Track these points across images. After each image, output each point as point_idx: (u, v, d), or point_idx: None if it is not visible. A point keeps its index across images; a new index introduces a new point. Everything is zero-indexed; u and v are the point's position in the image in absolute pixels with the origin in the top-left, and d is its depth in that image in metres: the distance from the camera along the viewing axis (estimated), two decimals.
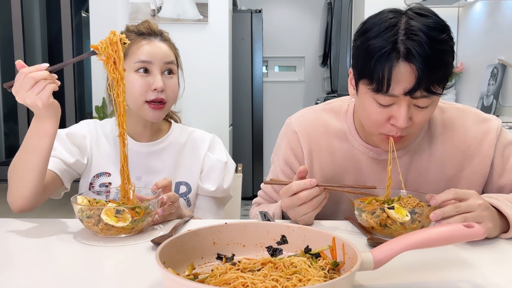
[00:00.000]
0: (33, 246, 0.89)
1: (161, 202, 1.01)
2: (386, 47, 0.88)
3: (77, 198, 0.97)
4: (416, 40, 0.86)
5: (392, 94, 0.90)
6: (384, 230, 0.92)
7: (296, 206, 0.95)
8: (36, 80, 0.92)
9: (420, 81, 0.87)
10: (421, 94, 0.89)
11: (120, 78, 0.96)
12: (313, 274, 0.61)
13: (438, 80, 0.89)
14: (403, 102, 0.91)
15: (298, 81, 5.34)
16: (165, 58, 1.21)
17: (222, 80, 3.38)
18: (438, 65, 0.87)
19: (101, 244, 0.90)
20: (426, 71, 0.86)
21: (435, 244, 0.67)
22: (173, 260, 0.67)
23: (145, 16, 3.20)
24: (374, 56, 0.88)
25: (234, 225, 0.77)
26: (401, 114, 0.91)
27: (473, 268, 0.77)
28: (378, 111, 0.94)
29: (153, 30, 1.24)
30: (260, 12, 4.50)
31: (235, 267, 0.64)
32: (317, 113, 1.15)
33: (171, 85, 1.22)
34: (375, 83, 0.90)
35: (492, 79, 3.05)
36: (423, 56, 0.86)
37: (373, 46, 0.89)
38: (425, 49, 0.86)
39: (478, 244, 0.87)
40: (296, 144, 1.13)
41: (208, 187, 1.31)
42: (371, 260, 0.63)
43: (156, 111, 1.20)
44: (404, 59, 0.87)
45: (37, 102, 0.94)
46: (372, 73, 0.90)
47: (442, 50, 0.88)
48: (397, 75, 0.88)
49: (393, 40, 0.87)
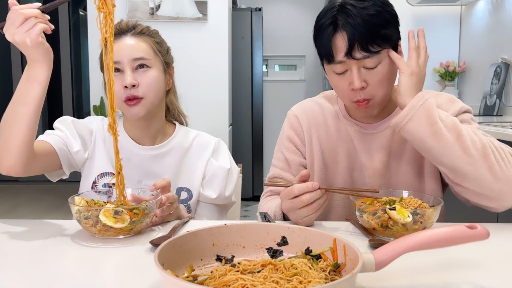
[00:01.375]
0: (29, 247, 0.89)
1: (160, 203, 1.01)
2: (327, 22, 1.07)
3: (74, 199, 0.97)
4: (344, 11, 1.05)
5: (339, 60, 1.06)
6: (385, 231, 0.92)
7: (297, 208, 0.97)
8: (26, 17, 0.92)
9: (352, 43, 1.03)
10: (361, 54, 1.04)
11: (108, 13, 0.95)
12: (314, 275, 0.61)
13: (371, 39, 1.03)
14: (353, 66, 1.06)
15: (299, 80, 5.34)
16: (132, 54, 1.18)
17: (222, 79, 3.38)
18: (366, 27, 1.03)
19: (99, 246, 0.90)
20: (355, 34, 1.03)
21: (437, 246, 0.67)
22: (172, 261, 0.67)
23: (143, 14, 3.20)
24: (321, 32, 1.09)
25: (234, 226, 0.77)
26: (354, 76, 1.06)
27: (476, 270, 0.77)
28: (338, 81, 1.10)
29: (121, 28, 1.22)
30: (260, 10, 4.50)
31: (234, 268, 0.64)
32: (314, 100, 1.33)
33: (145, 79, 1.19)
34: (324, 56, 1.09)
35: (495, 78, 3.05)
36: (350, 23, 1.04)
37: (319, 24, 1.10)
38: (351, 16, 1.04)
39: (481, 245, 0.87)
40: (297, 124, 1.28)
41: (209, 194, 1.30)
42: (373, 261, 0.63)
43: (133, 107, 1.18)
44: (337, 29, 1.06)
45: (25, 40, 0.93)
46: (322, 47, 1.09)
47: (368, 14, 1.04)
48: (336, 42, 1.06)
49: (332, 16, 1.07)
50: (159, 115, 1.28)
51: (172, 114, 1.37)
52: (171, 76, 1.31)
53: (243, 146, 4.51)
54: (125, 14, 3.17)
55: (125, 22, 1.24)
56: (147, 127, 1.26)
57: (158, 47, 1.25)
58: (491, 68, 3.11)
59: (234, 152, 4.32)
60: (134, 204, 0.97)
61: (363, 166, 1.20)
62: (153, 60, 1.22)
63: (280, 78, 5.34)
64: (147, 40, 1.23)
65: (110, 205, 0.96)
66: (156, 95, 1.22)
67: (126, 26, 1.23)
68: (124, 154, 1.22)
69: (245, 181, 4.13)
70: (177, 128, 1.34)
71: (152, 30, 1.28)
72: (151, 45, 1.23)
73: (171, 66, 1.31)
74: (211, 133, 1.40)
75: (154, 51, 1.23)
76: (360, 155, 1.21)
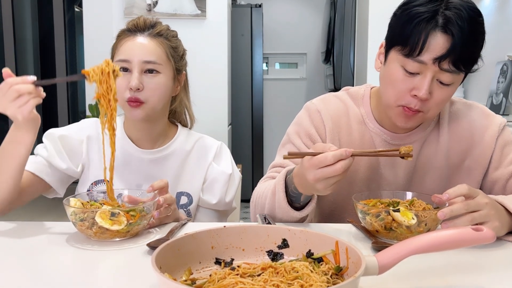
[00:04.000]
0: (23, 250, 0.89)
1: (157, 204, 1.01)
2: (427, 13, 0.97)
3: (69, 200, 0.97)
4: (457, 13, 0.96)
5: (421, 60, 0.98)
6: (389, 233, 0.92)
7: (328, 177, 0.90)
8: (20, 94, 0.93)
9: (452, 51, 0.96)
10: (448, 67, 0.97)
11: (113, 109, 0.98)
12: (316, 279, 0.61)
13: (467, 57, 0.97)
14: (429, 72, 0.99)
15: (300, 78, 5.34)
16: (144, 56, 1.17)
17: (221, 77, 3.38)
18: (472, 42, 0.97)
19: (95, 248, 0.90)
20: (460, 43, 0.95)
21: (442, 248, 0.67)
22: (169, 265, 0.67)
23: (140, 11, 3.20)
24: (415, 21, 0.98)
25: (233, 229, 0.77)
26: (425, 83, 0.99)
27: (482, 274, 0.77)
28: (403, 78, 1.02)
29: (139, 25, 1.21)
30: (260, 7, 4.50)
31: (234, 272, 0.64)
32: (338, 97, 1.24)
33: (151, 85, 1.17)
34: (408, 47, 0.98)
35: (502, 77, 3.05)
36: (461, 28, 0.95)
37: (415, 12, 0.99)
38: (464, 22, 0.96)
39: (487, 248, 0.88)
40: (319, 121, 1.19)
41: (209, 199, 1.29)
42: (376, 264, 0.63)
43: (134, 109, 1.17)
44: (441, 28, 0.97)
45: (17, 115, 0.95)
46: (408, 36, 0.98)
47: (479, 30, 0.98)
48: (432, 40, 0.97)
49: (435, 10, 0.97)
50: (161, 119, 1.27)
51: (178, 116, 1.36)
52: (180, 83, 1.29)
53: (243, 146, 4.51)
54: (122, 11, 3.17)
55: (143, 19, 1.22)
56: (147, 129, 1.25)
57: (172, 52, 1.23)
58: (497, 66, 3.11)
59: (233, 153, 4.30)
60: (131, 206, 0.97)
61: (384, 179, 1.16)
62: (164, 65, 1.20)
63: (281, 77, 5.34)
64: (163, 43, 1.21)
65: (106, 207, 0.96)
66: (159, 101, 1.20)
67: (143, 24, 1.21)
68: (123, 157, 1.23)
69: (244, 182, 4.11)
70: (179, 130, 1.32)
71: (171, 32, 1.26)
72: (165, 50, 1.21)
73: (182, 73, 1.29)
74: (210, 133, 1.39)
75: (167, 56, 1.21)
76: (383, 168, 1.16)
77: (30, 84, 0.94)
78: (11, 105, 0.94)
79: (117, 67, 0.99)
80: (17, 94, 0.93)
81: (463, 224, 0.85)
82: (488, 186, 1.16)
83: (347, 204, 1.19)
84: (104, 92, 0.98)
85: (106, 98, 0.98)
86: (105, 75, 0.97)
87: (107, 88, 0.98)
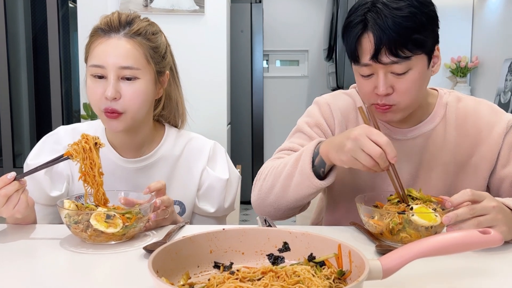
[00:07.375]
0: (15, 253, 0.89)
1: (154, 206, 1.01)
2: (353, 21, 1.06)
3: (63, 202, 0.97)
4: (375, 10, 1.03)
5: (364, 63, 1.06)
6: (393, 236, 0.92)
7: (361, 151, 0.94)
8: (8, 196, 0.95)
9: (378, 46, 1.01)
10: (389, 59, 1.02)
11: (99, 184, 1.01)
12: (318, 283, 0.61)
13: (401, 44, 1.01)
14: (380, 70, 1.05)
15: (301, 76, 5.34)
16: (120, 62, 1.08)
17: (220, 75, 3.38)
18: (396, 30, 1.00)
19: (89, 252, 0.90)
20: (383, 37, 1.01)
21: (448, 252, 0.67)
22: (167, 268, 0.67)
23: (136, 6, 3.20)
24: (346, 32, 1.08)
25: (233, 231, 0.77)
26: (379, 81, 1.05)
27: (489, 278, 0.77)
28: (363, 82, 1.10)
29: (113, 24, 1.10)
30: (261, 3, 4.51)
31: (233, 276, 0.64)
32: (347, 94, 1.30)
33: (129, 92, 1.09)
34: (350, 56, 1.09)
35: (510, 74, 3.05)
36: (379, 24, 1.02)
37: (347, 22, 1.08)
38: (381, 17, 1.01)
39: (494, 251, 0.88)
40: (329, 113, 1.25)
41: (206, 208, 1.25)
42: (380, 268, 0.64)
43: (112, 120, 1.10)
44: (366, 29, 1.04)
45: (15, 215, 0.98)
46: (347, 47, 1.09)
47: (400, 16, 1.01)
48: (362, 43, 1.05)
49: (361, 14, 1.05)
50: (144, 126, 1.19)
51: (166, 117, 1.28)
52: (163, 84, 1.20)
53: (243, 146, 4.51)
54: (117, 6, 3.17)
55: (117, 16, 1.12)
56: (130, 138, 1.19)
57: (152, 53, 1.14)
58: (506, 63, 3.11)
59: (233, 153, 4.32)
60: (127, 208, 0.97)
61: None
62: (143, 70, 1.11)
63: (282, 74, 5.34)
64: (141, 44, 1.11)
65: (101, 209, 0.96)
66: (139, 109, 1.12)
67: (118, 22, 1.11)
68: (107, 167, 1.12)
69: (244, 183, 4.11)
70: (166, 133, 1.25)
71: (150, 29, 1.15)
72: (144, 52, 1.12)
73: (165, 74, 1.20)
74: (208, 132, 1.37)
75: (147, 59, 1.12)
76: None
77: (14, 182, 0.96)
78: (4, 209, 0.97)
79: (99, 139, 1.00)
80: (6, 198, 0.95)
81: (468, 229, 0.85)
82: (496, 184, 1.18)
83: (342, 199, 1.23)
84: (88, 169, 1.00)
85: (90, 175, 1.00)
86: (87, 152, 0.99)
87: (90, 163, 0.99)
